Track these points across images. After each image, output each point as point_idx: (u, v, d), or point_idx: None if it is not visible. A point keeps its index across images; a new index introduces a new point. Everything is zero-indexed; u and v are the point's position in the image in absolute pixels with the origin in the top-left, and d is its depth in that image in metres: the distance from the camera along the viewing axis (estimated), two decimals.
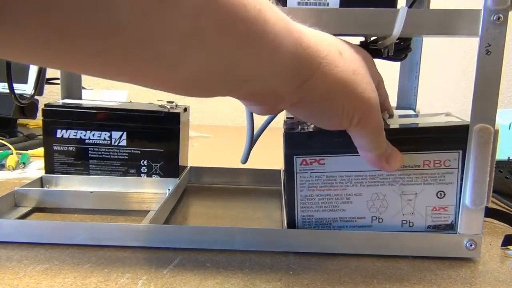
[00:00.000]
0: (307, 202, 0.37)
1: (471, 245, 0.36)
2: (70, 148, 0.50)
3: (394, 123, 0.38)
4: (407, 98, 0.54)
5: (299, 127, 0.37)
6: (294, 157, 0.36)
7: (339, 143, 0.36)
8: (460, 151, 0.36)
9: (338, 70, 0.30)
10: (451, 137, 0.36)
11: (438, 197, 0.37)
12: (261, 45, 0.26)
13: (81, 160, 0.50)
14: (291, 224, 0.38)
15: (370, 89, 0.32)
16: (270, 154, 0.55)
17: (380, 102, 0.34)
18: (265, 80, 0.28)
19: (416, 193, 0.37)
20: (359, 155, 0.36)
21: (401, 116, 0.42)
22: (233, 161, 0.48)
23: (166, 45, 0.22)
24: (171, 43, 0.22)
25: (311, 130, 0.37)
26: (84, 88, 0.57)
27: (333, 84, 0.30)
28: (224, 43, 0.24)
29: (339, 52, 0.31)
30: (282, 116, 0.42)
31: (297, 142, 0.36)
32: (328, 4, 0.36)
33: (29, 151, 0.72)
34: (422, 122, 0.39)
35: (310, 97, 0.30)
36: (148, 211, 0.46)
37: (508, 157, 0.61)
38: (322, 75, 0.29)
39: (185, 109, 0.52)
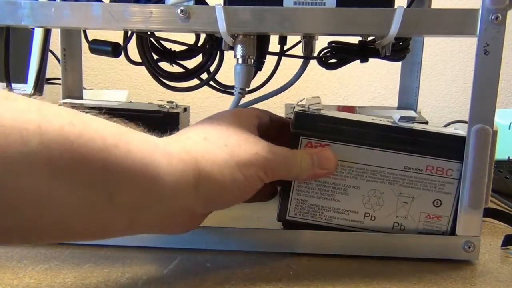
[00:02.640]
0: (303, 186, 0.37)
1: (469, 247, 0.36)
2: None
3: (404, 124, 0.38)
4: (408, 98, 0.54)
5: (310, 110, 0.37)
6: (301, 137, 0.36)
7: (348, 131, 0.36)
8: (463, 163, 0.35)
9: (213, 155, 0.30)
10: (456, 147, 0.35)
11: (434, 205, 0.36)
12: (130, 167, 0.26)
13: None
14: (284, 206, 0.37)
15: (250, 143, 0.32)
16: None
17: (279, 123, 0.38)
18: (155, 202, 0.28)
19: (413, 197, 0.36)
20: (364, 148, 0.36)
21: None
22: None
23: (24, 201, 0.23)
24: (28, 197, 0.23)
25: (322, 114, 0.36)
26: (84, 88, 0.57)
27: (218, 168, 0.30)
28: (88, 180, 0.24)
29: (203, 138, 0.31)
30: None
31: (307, 123, 0.36)
32: (324, 4, 0.36)
33: None
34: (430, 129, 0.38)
35: (212, 194, 0.30)
36: None
37: (508, 157, 0.61)
38: (206, 172, 0.29)
39: (185, 109, 0.51)
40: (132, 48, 0.45)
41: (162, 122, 0.49)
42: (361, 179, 0.36)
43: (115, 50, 0.45)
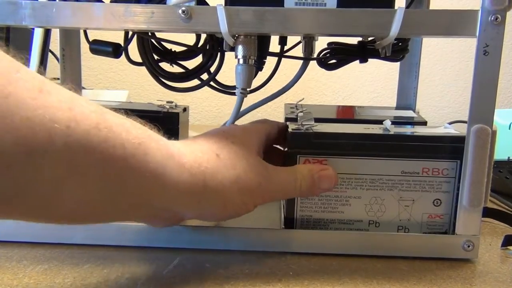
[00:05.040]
0: (306, 202, 0.37)
1: (468, 246, 0.36)
2: None
3: (396, 130, 0.38)
4: (407, 98, 0.54)
5: (304, 127, 0.37)
6: (298, 156, 0.37)
7: (343, 145, 0.37)
8: (458, 161, 0.36)
9: (221, 175, 0.31)
10: (449, 147, 0.36)
11: (434, 205, 0.37)
12: (143, 176, 0.27)
13: None
14: (290, 224, 0.38)
15: (256, 172, 0.33)
16: None
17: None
18: (156, 205, 0.30)
19: (413, 200, 0.37)
20: (361, 158, 0.36)
21: (401, 124, 0.42)
22: None
23: (38, 190, 0.24)
24: (42, 187, 0.24)
25: (315, 131, 0.37)
26: (84, 88, 0.57)
27: (222, 188, 0.31)
28: (102, 180, 0.26)
29: (216, 155, 0.32)
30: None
31: (301, 142, 0.37)
32: (325, 5, 0.36)
33: None
34: (422, 131, 0.39)
35: (208, 209, 0.32)
36: None
37: (508, 157, 0.61)
38: (211, 189, 0.31)
39: (185, 109, 0.52)
40: (133, 48, 0.45)
41: (162, 122, 0.49)
42: (361, 188, 0.37)
43: (116, 50, 0.45)
